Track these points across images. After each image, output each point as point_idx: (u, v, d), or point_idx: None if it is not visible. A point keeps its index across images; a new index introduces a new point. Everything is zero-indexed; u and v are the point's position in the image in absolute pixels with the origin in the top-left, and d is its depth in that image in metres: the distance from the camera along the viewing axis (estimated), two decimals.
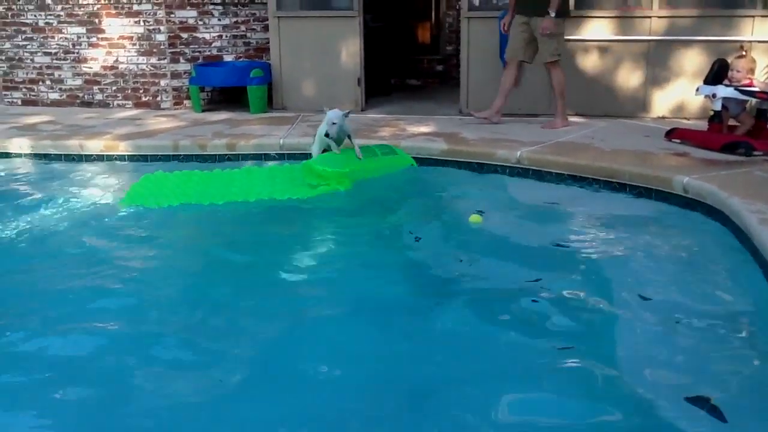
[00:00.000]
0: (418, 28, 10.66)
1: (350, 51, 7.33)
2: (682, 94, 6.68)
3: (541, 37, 6.15)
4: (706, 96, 5.62)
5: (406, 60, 10.17)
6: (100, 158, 5.94)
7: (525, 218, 4.56)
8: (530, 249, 4.04)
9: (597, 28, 6.81)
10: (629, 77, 6.84)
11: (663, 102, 6.81)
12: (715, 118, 5.50)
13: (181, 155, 5.83)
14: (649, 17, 6.68)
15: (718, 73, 5.52)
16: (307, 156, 5.37)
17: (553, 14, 6.05)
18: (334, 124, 5.02)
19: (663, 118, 6.71)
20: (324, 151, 5.27)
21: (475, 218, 4.36)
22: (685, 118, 6.63)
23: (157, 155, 5.86)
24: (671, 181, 4.55)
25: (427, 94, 8.80)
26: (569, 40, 6.85)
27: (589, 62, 6.90)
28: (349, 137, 5.20)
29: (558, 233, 4.22)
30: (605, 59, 6.86)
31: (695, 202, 4.36)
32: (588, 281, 3.59)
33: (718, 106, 5.47)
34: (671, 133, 5.69)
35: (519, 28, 6.26)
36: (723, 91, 5.40)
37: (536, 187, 5.09)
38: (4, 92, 8.34)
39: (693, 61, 6.60)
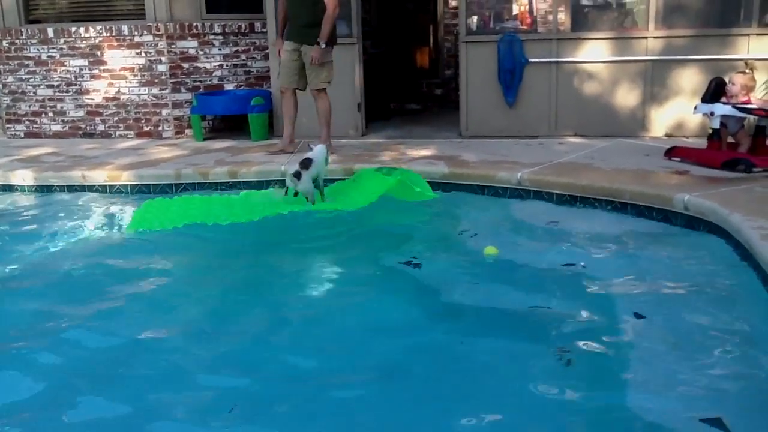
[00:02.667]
0: (417, 53, 10.78)
1: (350, 77, 7.39)
2: (680, 113, 6.71)
3: (311, 66, 6.20)
4: (705, 114, 5.65)
5: (406, 84, 10.27)
6: (103, 188, 5.97)
7: (526, 239, 4.57)
8: (532, 269, 4.04)
9: (594, 49, 6.87)
10: (628, 97, 6.88)
11: (662, 121, 6.84)
12: (714, 136, 5.52)
13: (183, 183, 5.85)
14: (646, 38, 6.74)
15: (715, 92, 5.55)
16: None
17: (323, 45, 6.13)
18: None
19: (668, 136, 6.73)
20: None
21: (490, 250, 4.22)
22: (685, 137, 6.65)
23: (160, 184, 5.88)
24: (672, 199, 4.56)
25: (426, 118, 8.85)
26: (568, 62, 6.92)
27: (588, 83, 6.94)
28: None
29: (560, 253, 4.21)
30: (603, 80, 6.91)
31: (696, 220, 4.36)
32: (590, 301, 3.58)
33: (716, 124, 5.49)
34: (671, 152, 5.71)
35: (291, 55, 6.30)
36: (721, 109, 5.43)
37: (537, 207, 5.09)
38: (6, 125, 8.41)
39: (690, 80, 6.64)
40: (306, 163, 4.89)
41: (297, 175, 4.85)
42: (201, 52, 7.77)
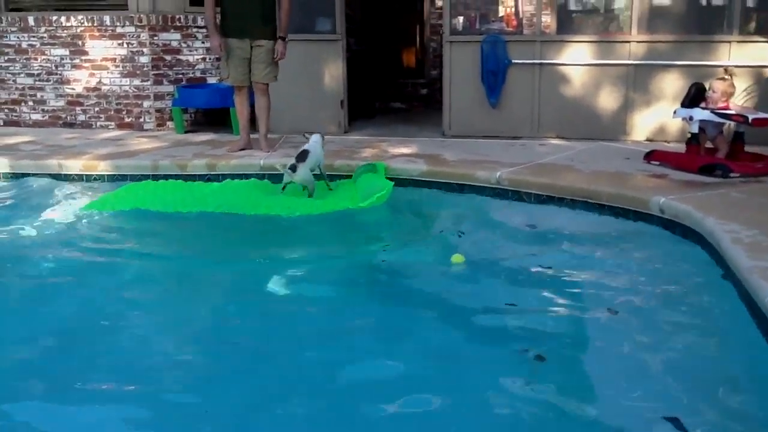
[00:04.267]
0: (403, 53, 10.77)
1: (333, 74, 7.36)
2: (661, 117, 6.73)
3: (270, 60, 6.13)
4: (684, 119, 5.67)
5: (392, 84, 10.25)
6: (79, 177, 5.91)
7: (504, 238, 4.56)
8: (508, 269, 4.03)
9: (578, 52, 6.88)
10: (610, 101, 6.90)
11: (643, 125, 6.86)
12: (693, 141, 5.54)
13: (160, 175, 5.80)
14: (629, 42, 6.76)
15: (695, 97, 5.57)
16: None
17: (287, 39, 6.14)
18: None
19: (649, 140, 6.74)
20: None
21: (457, 258, 4.09)
22: (666, 141, 6.68)
23: (136, 174, 5.82)
24: (648, 202, 4.57)
25: (410, 117, 8.84)
26: (551, 65, 6.92)
27: (571, 86, 6.95)
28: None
29: (536, 253, 4.21)
30: (586, 83, 6.92)
31: (671, 223, 4.38)
32: (565, 301, 3.58)
33: (695, 129, 5.51)
34: (650, 155, 5.73)
35: (243, 52, 6.10)
36: (699, 114, 5.45)
37: (515, 207, 5.09)
38: None
39: (672, 85, 6.67)
40: (302, 156, 4.94)
41: (293, 168, 4.90)
42: (184, 45, 7.72)
